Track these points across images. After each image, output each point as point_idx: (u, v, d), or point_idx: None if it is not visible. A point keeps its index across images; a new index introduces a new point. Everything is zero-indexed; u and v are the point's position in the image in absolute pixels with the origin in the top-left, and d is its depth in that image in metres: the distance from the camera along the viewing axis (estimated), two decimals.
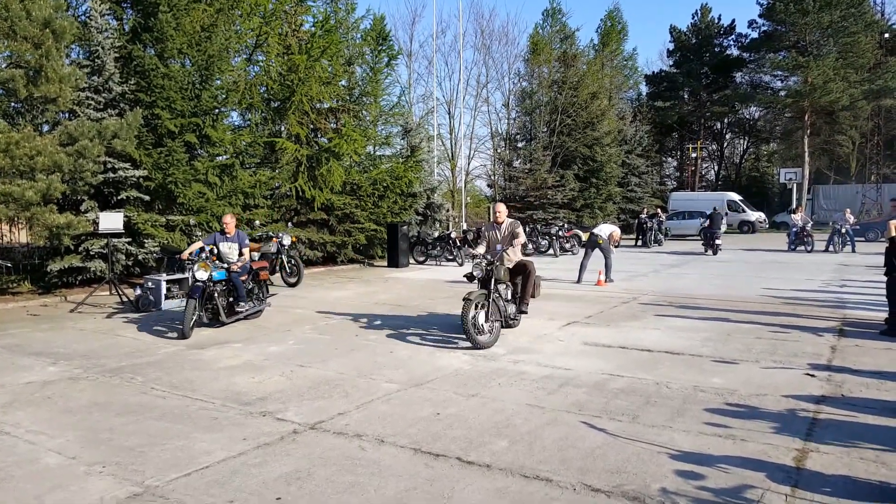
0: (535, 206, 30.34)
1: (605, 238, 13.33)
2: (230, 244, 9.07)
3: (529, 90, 34.67)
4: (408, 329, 8.51)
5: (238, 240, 9.13)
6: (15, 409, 5.19)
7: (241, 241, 9.13)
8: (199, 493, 3.61)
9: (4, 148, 9.45)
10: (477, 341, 7.07)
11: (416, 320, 9.17)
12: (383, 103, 20.01)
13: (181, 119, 12.95)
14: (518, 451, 4.19)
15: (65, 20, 10.38)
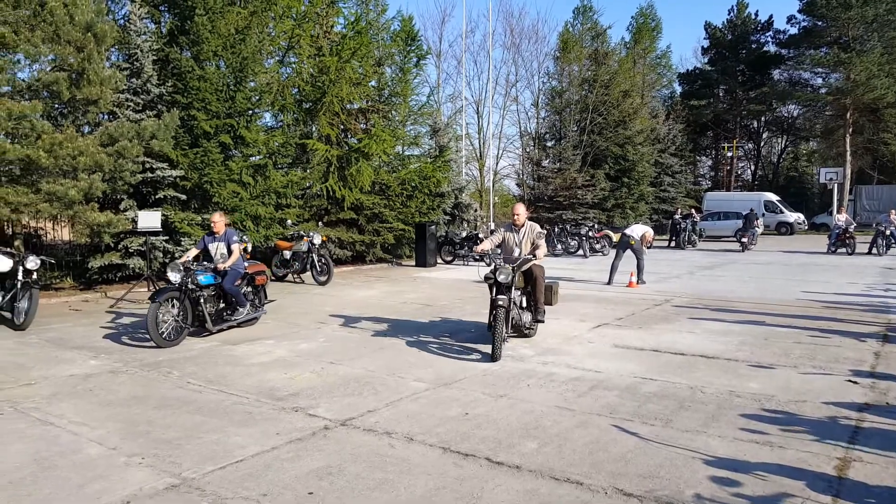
0: (565, 205, 30.13)
1: (637, 239, 13.19)
2: (217, 244, 8.37)
3: (559, 89, 34.46)
4: (436, 328, 8.56)
5: (226, 238, 8.34)
6: (59, 400, 5.38)
7: (228, 239, 8.32)
8: (234, 486, 3.70)
9: (48, 148, 9.75)
10: (500, 352, 6.64)
11: (443, 320, 9.21)
12: (412, 103, 20.11)
13: (216, 120, 13.20)
14: (548, 453, 4.19)
15: (105, 24, 10.67)
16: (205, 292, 7.86)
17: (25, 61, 10.64)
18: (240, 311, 8.29)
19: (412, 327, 8.65)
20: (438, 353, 7.10)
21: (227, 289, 8.07)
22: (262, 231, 14.11)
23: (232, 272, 8.16)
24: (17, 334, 8.19)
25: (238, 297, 8.23)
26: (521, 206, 7.75)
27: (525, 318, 7.42)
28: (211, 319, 7.86)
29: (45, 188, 10.01)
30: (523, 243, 7.48)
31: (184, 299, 7.55)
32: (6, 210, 10.04)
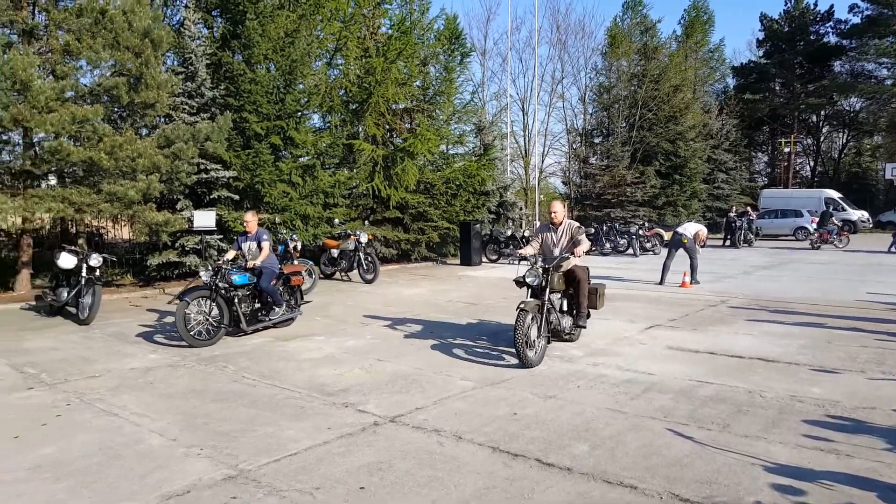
0: (613, 203, 29.65)
1: (690, 237, 12.88)
2: (249, 243, 8.42)
3: (607, 84, 33.94)
4: (481, 327, 8.55)
5: (256, 237, 8.38)
6: (121, 392, 5.59)
7: (258, 237, 8.35)
8: (288, 479, 3.77)
9: (109, 151, 10.15)
10: (527, 357, 6.19)
11: (489, 319, 9.19)
12: (456, 102, 20.13)
13: (267, 122, 13.49)
14: (600, 456, 4.13)
15: (162, 30, 11.05)
16: (239, 292, 7.86)
17: (87, 67, 11.14)
18: (275, 312, 8.22)
19: (457, 326, 8.66)
20: (484, 351, 7.10)
21: (264, 288, 8.05)
22: (310, 230, 14.36)
23: (267, 272, 8.14)
24: (82, 329, 8.54)
25: (274, 297, 8.18)
26: (559, 203, 7.28)
27: (565, 323, 6.95)
28: (245, 319, 7.86)
29: (107, 189, 10.42)
30: (562, 242, 7.07)
31: (216, 298, 7.53)
32: (70, 210, 10.50)
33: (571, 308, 7.12)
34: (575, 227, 7.09)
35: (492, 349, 7.21)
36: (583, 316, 7.06)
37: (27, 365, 6.53)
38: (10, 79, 9.19)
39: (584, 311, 7.03)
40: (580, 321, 7.07)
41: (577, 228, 7.07)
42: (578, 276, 6.95)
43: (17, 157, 11.14)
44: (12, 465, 3.98)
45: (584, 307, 7.01)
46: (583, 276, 6.98)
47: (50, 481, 3.75)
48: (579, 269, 6.98)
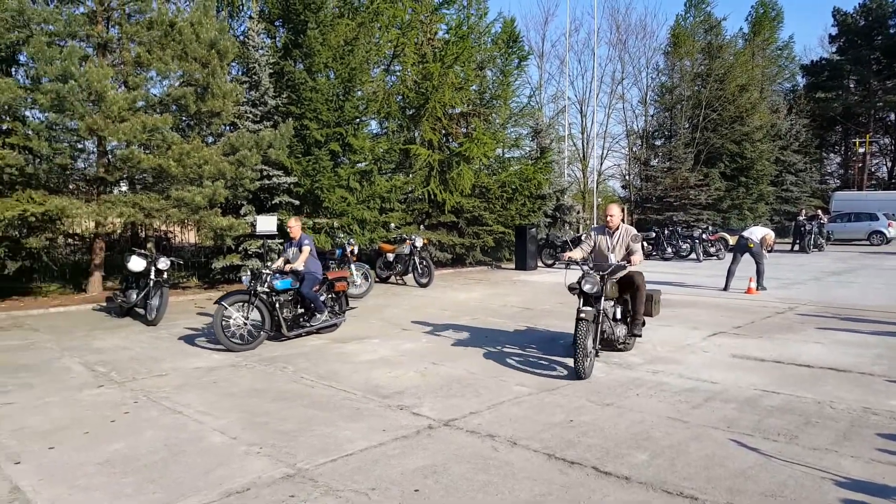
0: (676, 207, 28.90)
1: (756, 242, 12.42)
2: (293, 248, 8.37)
3: (669, 85, 33.14)
4: (536, 333, 8.46)
5: (298, 242, 8.34)
6: (186, 391, 5.79)
7: (300, 244, 8.30)
8: (345, 479, 3.82)
9: (177, 158, 10.57)
10: (584, 369, 5.95)
11: (544, 324, 9.09)
12: (513, 105, 20.05)
13: (326, 129, 13.77)
14: (659, 466, 4.02)
15: (227, 41, 11.44)
16: (281, 297, 7.85)
17: (157, 78, 11.63)
18: (317, 318, 8.14)
19: (512, 330, 8.60)
20: (539, 357, 7.02)
21: (305, 294, 8.00)
22: (367, 234, 14.56)
23: (310, 277, 8.10)
24: (150, 329, 8.90)
25: (316, 303, 8.10)
26: (616, 206, 6.89)
27: (619, 332, 6.66)
28: (287, 325, 7.85)
29: (175, 195, 10.85)
30: (617, 248, 6.74)
31: (255, 303, 7.56)
32: (140, 215, 10.98)
33: (626, 316, 6.80)
34: (632, 234, 6.77)
35: (547, 356, 7.11)
36: (638, 324, 6.76)
37: (98, 363, 6.84)
38: (86, 90, 9.69)
39: (640, 320, 6.75)
40: (636, 329, 6.77)
41: (634, 236, 6.75)
42: (637, 282, 6.63)
43: (91, 165, 11.71)
44: (83, 459, 4.17)
45: (641, 315, 6.73)
46: (641, 283, 6.67)
47: (118, 476, 3.91)
48: (637, 275, 6.67)
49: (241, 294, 7.64)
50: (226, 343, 7.31)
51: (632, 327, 6.77)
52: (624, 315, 6.80)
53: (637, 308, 6.70)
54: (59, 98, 9.56)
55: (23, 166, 10.21)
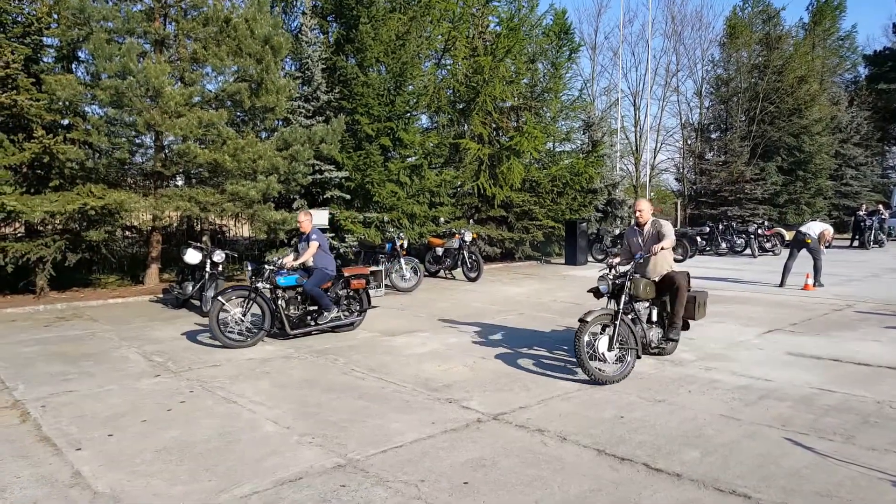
0: (731, 201, 28.10)
1: (814, 237, 11.98)
2: (303, 243, 8.03)
3: (725, 77, 32.16)
4: None
5: (307, 238, 7.97)
6: (240, 381, 5.96)
7: (308, 238, 7.95)
8: (394, 470, 3.87)
9: (232, 153, 10.83)
10: (591, 372, 5.57)
11: None
12: (564, 98, 19.78)
13: (377, 124, 13.89)
14: (712, 463, 3.94)
15: (281, 36, 11.64)
16: (287, 294, 7.61)
17: (212, 73, 11.92)
18: (325, 316, 7.80)
19: (562, 325, 8.52)
20: None
21: (308, 290, 7.66)
22: (416, 228, 14.64)
23: (317, 274, 7.78)
24: (205, 320, 9.14)
25: (321, 300, 7.72)
26: (645, 201, 6.65)
27: (652, 335, 6.26)
28: (291, 322, 7.57)
29: (230, 189, 11.12)
30: (647, 244, 6.39)
31: (256, 299, 7.34)
32: (196, 208, 11.30)
33: (663, 318, 6.40)
34: (660, 225, 6.40)
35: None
36: (676, 328, 6.30)
37: (155, 353, 7.09)
38: (144, 86, 10.01)
39: (678, 323, 6.29)
40: (672, 333, 6.30)
41: (659, 222, 6.44)
42: (677, 282, 6.21)
43: (149, 159, 12.08)
44: (141, 446, 4.33)
45: (679, 318, 6.26)
46: (682, 283, 6.21)
47: (174, 463, 4.05)
48: (678, 275, 6.29)
49: (242, 289, 7.44)
50: (221, 339, 7.12)
51: (668, 330, 6.32)
52: (660, 317, 6.40)
53: (675, 310, 6.24)
54: (118, 94, 9.90)
55: (83, 161, 10.63)
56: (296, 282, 7.69)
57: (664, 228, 6.31)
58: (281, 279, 7.57)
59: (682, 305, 6.21)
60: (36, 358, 6.81)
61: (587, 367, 5.57)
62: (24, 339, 7.79)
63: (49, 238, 10.37)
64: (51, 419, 4.85)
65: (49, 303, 10.13)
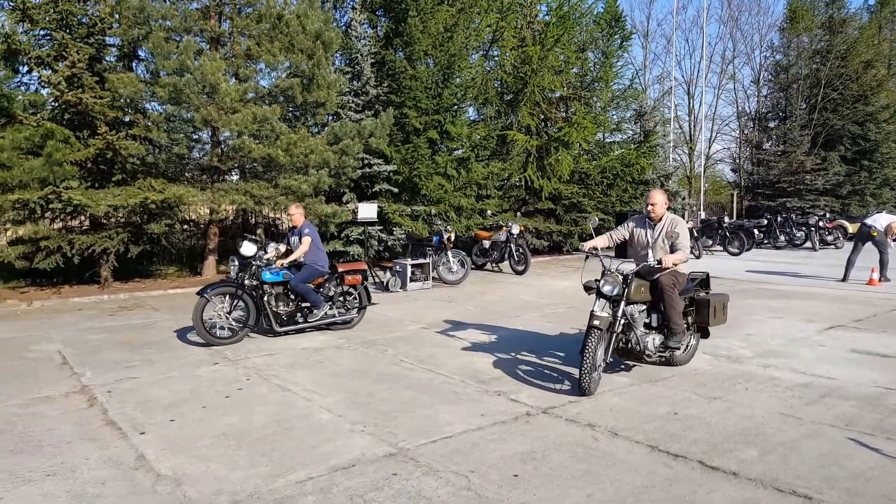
0: (790, 192, 27.12)
1: (881, 230, 11.46)
2: (294, 238, 7.82)
3: (785, 63, 30.98)
4: None
5: (299, 232, 7.72)
6: (295, 369, 6.09)
7: (300, 233, 7.69)
8: (444, 460, 3.90)
9: (285, 148, 11.05)
10: (589, 384, 5.04)
11: None
12: (615, 88, 19.46)
13: (425, 117, 13.94)
14: (770, 462, 3.83)
15: (331, 31, 11.79)
16: (274, 290, 7.39)
17: (265, 70, 12.17)
18: (314, 314, 7.53)
19: None
20: None
21: (294, 285, 7.41)
22: (463, 221, 14.66)
23: (307, 269, 7.53)
24: None
25: (308, 296, 7.46)
26: (659, 193, 5.81)
27: (649, 343, 5.50)
28: (278, 319, 7.35)
29: (283, 183, 11.36)
30: (658, 243, 5.67)
31: (242, 295, 7.11)
32: (251, 202, 11.58)
33: (662, 324, 5.66)
34: (677, 225, 5.61)
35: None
36: (676, 335, 5.53)
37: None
38: (201, 83, 10.29)
39: (677, 330, 5.51)
40: (672, 341, 5.55)
41: (676, 221, 5.66)
42: (662, 284, 5.45)
43: (206, 154, 12.44)
44: (201, 431, 4.48)
45: (676, 324, 5.50)
46: (666, 283, 5.45)
47: (232, 448, 4.17)
48: (666, 277, 5.48)
49: (226, 285, 7.21)
50: (204, 336, 6.90)
51: (668, 337, 5.56)
52: (661, 323, 5.68)
53: (667, 314, 5.49)
54: (176, 91, 10.21)
55: (144, 156, 11.02)
56: (282, 277, 7.40)
57: (680, 236, 5.49)
58: (266, 275, 7.27)
59: (676, 310, 5.46)
60: (102, 345, 7.12)
61: (588, 378, 5.01)
62: (90, 327, 8.15)
63: (112, 231, 10.80)
64: (116, 404, 5.07)
65: (112, 293, 10.56)
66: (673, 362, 5.94)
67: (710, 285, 6.25)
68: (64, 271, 10.92)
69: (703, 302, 5.85)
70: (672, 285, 5.45)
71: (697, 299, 5.90)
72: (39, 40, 10.95)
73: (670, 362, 5.94)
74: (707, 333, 6.10)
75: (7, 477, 3.73)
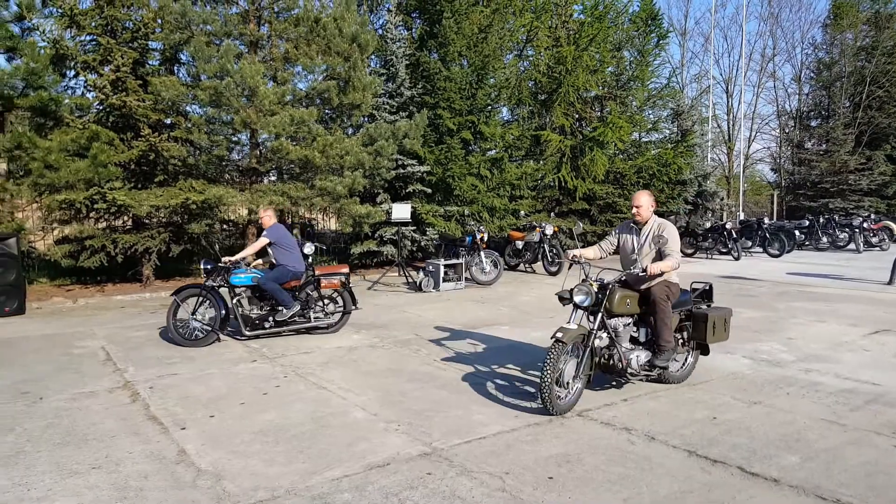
0: (832, 193, 26.42)
1: None
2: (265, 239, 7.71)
3: (828, 60, 30.18)
4: None
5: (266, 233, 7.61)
6: (330, 368, 6.17)
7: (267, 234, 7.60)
8: (478, 461, 3.91)
9: (321, 149, 11.18)
10: (552, 403, 4.56)
11: None
12: (652, 86, 19.21)
13: (459, 118, 13.97)
14: (813, 470, 3.74)
15: (367, 34, 11.90)
16: (245, 293, 7.39)
17: (302, 72, 12.33)
18: (283, 313, 7.38)
19: None
20: None
21: (262, 283, 7.33)
22: (496, 222, 14.64)
23: (278, 270, 7.48)
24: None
25: (276, 295, 7.33)
26: (644, 194, 5.30)
27: (633, 360, 5.03)
28: (248, 323, 7.30)
29: (319, 184, 11.50)
30: (645, 249, 5.22)
31: (208, 297, 7.14)
32: (288, 203, 11.75)
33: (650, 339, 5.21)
34: (665, 230, 5.17)
35: None
36: (664, 352, 5.08)
37: (251, 340, 7.44)
38: (241, 86, 10.48)
39: (666, 347, 5.07)
40: (659, 359, 5.09)
41: (661, 236, 5.15)
42: (655, 295, 5.01)
43: (245, 156, 12.69)
44: (240, 428, 4.56)
45: (667, 341, 5.05)
46: (659, 296, 5.00)
47: (271, 444, 4.24)
48: (658, 287, 5.06)
49: (195, 288, 7.28)
50: (176, 338, 7.05)
51: (656, 354, 5.10)
52: (650, 338, 5.22)
53: (657, 330, 5.05)
54: (216, 94, 10.42)
55: (185, 157, 11.27)
56: (251, 281, 7.36)
57: (670, 241, 5.08)
58: (234, 278, 7.30)
59: (665, 324, 5.01)
60: (144, 342, 7.31)
61: (549, 397, 4.53)
62: (133, 324, 8.38)
63: (154, 230, 11.08)
64: (158, 399, 5.20)
65: (154, 291, 10.83)
66: (666, 380, 5.46)
67: (713, 297, 5.76)
68: (107, 270, 11.25)
69: (701, 316, 5.36)
70: (666, 298, 5.00)
71: (695, 313, 5.42)
72: (86, 45, 11.29)
73: (662, 380, 5.46)
74: (707, 350, 5.61)
75: (55, 469, 3.86)
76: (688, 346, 5.53)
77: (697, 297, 5.61)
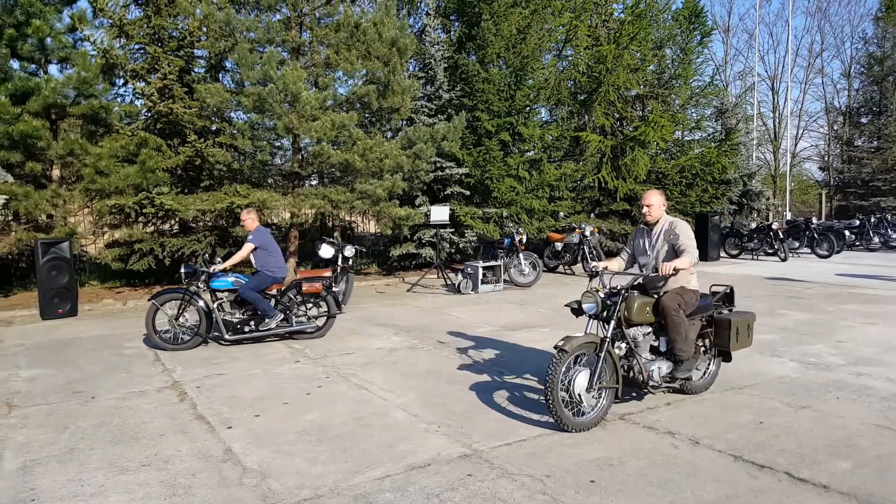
0: (884, 191, 25.50)
1: None
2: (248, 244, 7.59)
3: (879, 55, 29.15)
4: None
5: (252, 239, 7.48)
6: (370, 369, 6.24)
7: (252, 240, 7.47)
8: (519, 464, 3.91)
9: (361, 153, 11.31)
10: (563, 419, 4.31)
11: None
12: (695, 85, 18.83)
13: (497, 119, 13.95)
14: (864, 476, 3.63)
15: (406, 38, 11.98)
16: (227, 298, 7.33)
17: (343, 77, 12.50)
18: (265, 322, 7.27)
19: None
20: None
21: (241, 293, 7.22)
22: (535, 223, 14.56)
23: (258, 277, 7.37)
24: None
25: (257, 304, 7.21)
26: (655, 194, 5.06)
27: (654, 371, 4.78)
28: (229, 328, 7.21)
29: (359, 187, 11.63)
30: (658, 250, 5.00)
31: (191, 302, 7.13)
32: (329, 206, 11.91)
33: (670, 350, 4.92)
34: (675, 226, 4.93)
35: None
36: (682, 363, 4.83)
37: (294, 341, 7.58)
38: (283, 92, 10.68)
39: (683, 357, 4.81)
40: (679, 371, 4.84)
41: (673, 232, 4.90)
42: (663, 304, 4.73)
43: (287, 161, 12.90)
44: (284, 427, 4.66)
45: (683, 351, 4.79)
46: (669, 305, 4.69)
47: (314, 443, 4.32)
48: (670, 296, 4.76)
49: (176, 292, 7.25)
50: (157, 342, 7.07)
51: (676, 367, 4.86)
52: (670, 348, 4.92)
53: (672, 340, 4.79)
54: (260, 100, 10.63)
55: (230, 163, 11.53)
56: (231, 285, 7.28)
57: (681, 237, 4.84)
58: (215, 282, 7.24)
59: (680, 334, 4.74)
60: None
61: (558, 413, 4.29)
62: None
63: (200, 234, 11.38)
64: (205, 399, 5.34)
65: None
66: (687, 390, 5.23)
67: (734, 301, 5.46)
68: (155, 272, 11.59)
69: (724, 322, 5.09)
70: (677, 307, 4.69)
71: (717, 319, 5.15)
72: (134, 54, 11.68)
73: (685, 390, 5.22)
74: (729, 357, 5.37)
75: (107, 466, 4.00)
76: (709, 353, 5.29)
77: (718, 302, 5.33)
